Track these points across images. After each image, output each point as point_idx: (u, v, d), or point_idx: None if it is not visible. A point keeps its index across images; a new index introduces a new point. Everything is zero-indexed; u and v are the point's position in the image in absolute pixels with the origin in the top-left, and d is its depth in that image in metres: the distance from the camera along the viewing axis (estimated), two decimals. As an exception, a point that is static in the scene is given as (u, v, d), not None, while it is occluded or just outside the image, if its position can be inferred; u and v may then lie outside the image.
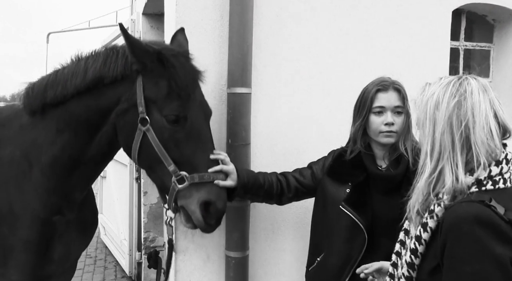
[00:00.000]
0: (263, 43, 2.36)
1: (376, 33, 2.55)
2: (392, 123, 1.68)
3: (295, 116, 2.44)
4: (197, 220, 1.65)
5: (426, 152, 1.12)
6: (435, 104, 1.12)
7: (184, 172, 1.62)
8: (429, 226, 1.10)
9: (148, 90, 1.63)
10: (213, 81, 2.29)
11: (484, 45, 3.11)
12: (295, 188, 1.92)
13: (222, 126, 2.30)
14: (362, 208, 1.70)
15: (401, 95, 1.71)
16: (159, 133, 1.62)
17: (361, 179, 1.74)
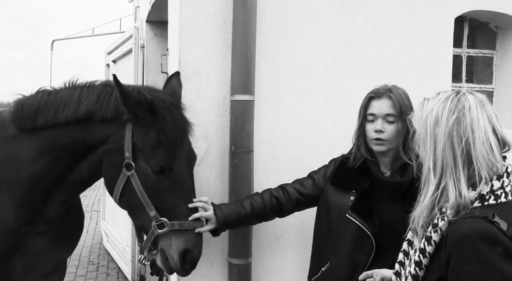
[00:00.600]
0: (266, 50, 2.37)
1: (379, 40, 2.56)
2: (381, 131, 1.67)
3: (298, 123, 2.44)
4: (174, 265, 1.72)
5: (429, 168, 1.13)
6: (434, 120, 1.14)
7: (164, 218, 1.68)
8: (433, 239, 1.12)
9: (136, 137, 1.66)
10: (216, 88, 2.30)
11: (487, 52, 3.11)
12: (296, 199, 1.91)
13: (225, 133, 2.31)
14: (368, 216, 1.69)
15: (393, 103, 1.68)
16: (143, 180, 1.66)
17: (366, 186, 1.73)
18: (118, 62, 4.83)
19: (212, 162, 2.31)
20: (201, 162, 2.29)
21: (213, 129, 2.30)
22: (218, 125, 2.31)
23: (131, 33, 4.01)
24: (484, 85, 3.10)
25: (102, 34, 9.92)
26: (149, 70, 3.84)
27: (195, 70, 2.26)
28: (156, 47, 3.85)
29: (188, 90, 2.26)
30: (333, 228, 1.80)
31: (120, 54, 4.54)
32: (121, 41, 4.49)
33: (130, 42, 4.03)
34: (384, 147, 1.68)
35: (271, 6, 2.37)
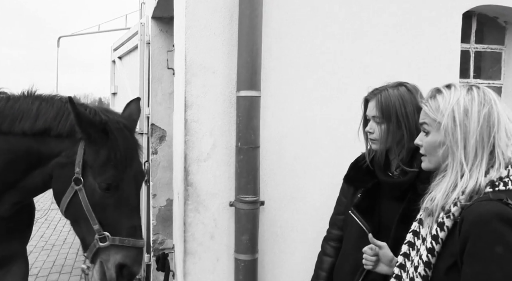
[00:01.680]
0: (273, 46, 2.36)
1: (386, 35, 2.53)
2: (370, 132, 1.71)
3: (305, 119, 2.43)
4: (110, 278, 1.80)
5: (461, 160, 1.15)
6: (463, 111, 1.16)
7: (107, 232, 1.77)
8: (446, 225, 1.14)
9: (88, 155, 1.77)
10: (222, 84, 2.29)
11: (495, 48, 3.07)
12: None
13: (231, 129, 2.31)
14: (369, 215, 1.71)
15: (377, 105, 1.68)
16: (90, 195, 1.77)
17: (369, 185, 1.74)
18: (124, 59, 4.84)
19: (218, 158, 2.31)
20: (207, 158, 2.29)
21: (219, 125, 2.30)
22: (224, 121, 2.31)
23: (136, 29, 4.01)
24: (492, 81, 3.06)
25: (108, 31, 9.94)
26: (155, 66, 3.84)
27: (201, 66, 2.26)
28: (162, 43, 3.85)
29: (194, 86, 2.26)
30: (345, 226, 1.84)
31: (126, 50, 4.55)
32: (126, 37, 4.50)
33: (136, 39, 4.03)
34: (376, 146, 1.72)
35: (277, 2, 2.36)
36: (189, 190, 2.27)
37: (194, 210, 2.29)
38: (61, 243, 5.57)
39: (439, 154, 1.22)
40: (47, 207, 6.81)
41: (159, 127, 3.95)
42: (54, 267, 4.71)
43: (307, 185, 2.45)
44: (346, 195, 1.87)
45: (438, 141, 1.22)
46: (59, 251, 5.23)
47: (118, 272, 1.79)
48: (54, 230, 6.15)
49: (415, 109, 1.62)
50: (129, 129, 1.90)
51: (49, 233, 6.03)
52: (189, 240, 2.29)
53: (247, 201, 2.23)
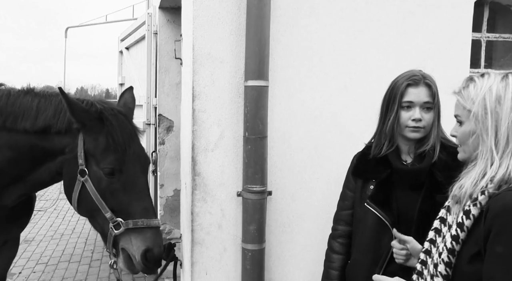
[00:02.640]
0: (281, 36, 2.35)
1: (396, 26, 2.50)
2: (420, 119, 1.65)
3: (312, 110, 2.42)
4: (137, 265, 1.82)
5: (491, 148, 1.15)
6: (496, 99, 1.15)
7: (119, 218, 1.79)
8: (472, 213, 1.14)
9: (88, 144, 1.81)
10: (230, 74, 2.29)
11: (507, 37, 3.02)
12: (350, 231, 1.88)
13: (239, 119, 2.31)
14: (387, 205, 1.68)
15: (432, 90, 1.66)
16: (97, 184, 1.80)
17: (384, 176, 1.71)
18: (131, 49, 4.85)
19: (225, 148, 2.32)
20: (215, 148, 2.30)
21: (227, 115, 2.31)
22: (232, 111, 2.32)
23: (144, 19, 4.01)
24: (504, 71, 3.02)
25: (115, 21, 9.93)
26: (162, 56, 3.85)
27: (209, 56, 2.26)
28: (169, 34, 3.85)
29: (202, 76, 2.26)
30: (356, 218, 1.81)
31: (133, 40, 4.55)
32: (134, 27, 4.50)
33: (143, 29, 4.03)
34: (420, 134, 1.68)
35: (285, -10, 2.34)
36: (197, 180, 2.29)
37: (202, 200, 2.31)
38: (70, 232, 5.65)
39: (470, 143, 1.22)
40: (56, 197, 6.90)
41: (166, 118, 3.97)
42: (63, 256, 4.78)
43: (314, 176, 2.45)
44: (352, 189, 1.84)
45: (468, 130, 1.22)
46: (68, 241, 5.30)
47: (143, 259, 1.79)
48: (63, 220, 6.23)
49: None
50: (124, 114, 1.93)
51: (58, 222, 6.11)
52: (197, 230, 2.31)
53: (255, 191, 2.24)
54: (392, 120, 1.69)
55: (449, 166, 1.63)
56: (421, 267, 1.28)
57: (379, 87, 1.81)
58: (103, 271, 4.39)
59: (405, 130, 1.68)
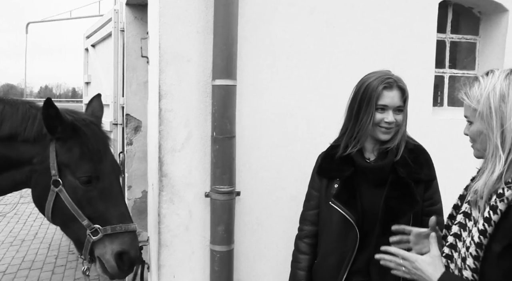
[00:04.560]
0: (249, 34, 2.36)
1: (362, 26, 2.57)
2: (392, 122, 1.70)
3: (281, 109, 2.45)
4: (111, 268, 1.86)
5: (496, 145, 1.18)
6: (500, 97, 1.18)
7: (97, 225, 1.83)
8: (499, 208, 1.17)
9: (61, 155, 1.83)
10: (198, 73, 2.29)
11: (470, 38, 3.15)
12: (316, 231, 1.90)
13: (207, 118, 2.31)
14: (351, 203, 1.72)
15: (404, 95, 1.72)
16: (72, 193, 1.83)
17: (348, 174, 1.76)
18: (98, 46, 4.75)
19: (193, 148, 2.31)
20: (182, 148, 2.29)
21: (194, 114, 2.30)
22: (200, 111, 2.31)
23: (110, 16, 3.94)
24: (467, 71, 3.15)
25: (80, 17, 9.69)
26: (130, 54, 3.79)
27: (176, 54, 2.25)
28: (136, 31, 3.79)
29: (168, 75, 2.25)
30: (322, 218, 1.84)
31: (99, 38, 4.46)
32: (100, 24, 4.42)
33: (110, 26, 3.96)
34: (391, 135, 1.74)
35: (253, -11, 2.36)
36: (164, 181, 2.28)
37: (169, 201, 2.29)
38: (32, 238, 5.47)
39: (479, 142, 1.26)
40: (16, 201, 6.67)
41: (134, 118, 3.91)
42: (23, 263, 4.63)
43: (284, 175, 2.48)
44: (317, 188, 1.87)
45: (476, 129, 1.25)
46: (29, 247, 5.14)
47: (118, 261, 1.85)
48: (24, 225, 6.03)
49: None
50: (96, 124, 1.98)
51: (19, 228, 5.91)
52: (164, 232, 2.30)
53: (223, 191, 2.25)
54: (366, 122, 1.70)
55: (410, 162, 1.73)
56: (446, 262, 1.31)
57: (349, 86, 1.84)
58: (68, 277, 4.28)
59: (376, 131, 1.72)
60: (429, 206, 1.75)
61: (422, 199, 1.73)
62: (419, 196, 1.71)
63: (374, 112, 1.69)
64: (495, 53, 3.12)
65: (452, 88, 3.11)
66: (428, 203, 1.75)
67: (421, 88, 2.70)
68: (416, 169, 1.73)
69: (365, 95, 1.70)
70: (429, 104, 2.75)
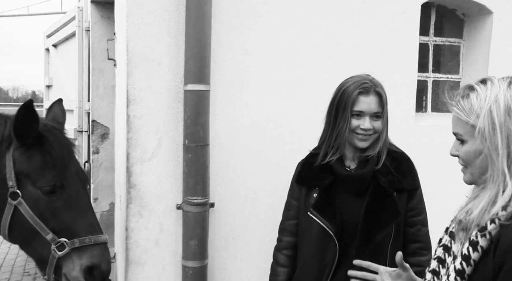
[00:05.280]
0: (223, 37, 2.43)
1: (342, 28, 2.66)
2: (368, 129, 1.75)
3: (257, 115, 2.52)
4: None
5: (502, 170, 1.06)
6: (505, 111, 1.07)
7: (63, 238, 1.79)
8: (480, 245, 1.07)
9: (19, 164, 1.80)
10: (168, 77, 2.34)
11: (454, 41, 3.29)
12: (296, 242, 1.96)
13: (179, 125, 2.36)
14: (330, 213, 1.77)
15: (382, 100, 1.76)
16: (34, 205, 1.78)
17: (327, 182, 1.81)
18: (60, 47, 4.74)
19: (163, 157, 2.35)
20: (152, 158, 2.33)
21: (165, 121, 2.35)
22: (171, 117, 2.36)
23: (74, 14, 3.95)
24: (451, 75, 3.29)
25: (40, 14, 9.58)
26: (96, 56, 3.81)
27: (145, 57, 2.29)
28: (103, 31, 3.82)
29: (137, 79, 2.29)
30: (301, 229, 1.89)
31: (62, 37, 4.46)
32: (62, 23, 4.41)
33: (73, 25, 3.97)
34: (368, 142, 1.78)
35: (227, -11, 2.42)
36: (132, 193, 2.31)
37: (138, 214, 2.32)
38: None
39: (477, 164, 1.13)
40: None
41: (100, 124, 3.92)
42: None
43: (260, 185, 2.55)
44: (297, 197, 1.92)
45: (473, 149, 1.13)
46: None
47: (87, 277, 1.79)
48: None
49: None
50: (58, 130, 1.96)
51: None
52: (132, 248, 2.32)
53: (196, 203, 2.30)
54: (342, 128, 1.76)
55: (392, 171, 1.78)
56: None
57: (329, 90, 1.90)
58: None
59: (353, 138, 1.78)
60: (413, 217, 1.81)
61: (405, 209, 1.79)
62: (402, 206, 1.77)
63: (350, 118, 1.74)
64: (479, 57, 3.25)
65: (436, 93, 3.23)
66: (411, 214, 1.81)
67: (403, 93, 2.80)
68: (398, 178, 1.78)
69: (341, 100, 1.77)
70: (411, 110, 2.86)
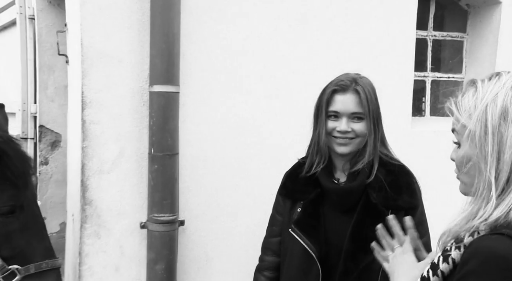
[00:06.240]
0: (194, 32, 2.46)
1: (330, 22, 2.72)
2: (346, 131, 1.77)
3: (234, 121, 2.56)
4: None
5: (489, 181, 1.05)
6: (500, 114, 1.04)
7: (15, 265, 1.76)
8: (451, 256, 1.08)
9: None
10: (131, 77, 2.36)
11: (456, 35, 3.38)
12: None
13: (143, 132, 2.38)
14: (313, 232, 1.80)
15: (361, 99, 1.76)
16: None
17: (312, 196, 1.84)
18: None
19: (126, 168, 2.37)
20: (112, 169, 2.34)
21: (127, 127, 2.37)
22: (134, 123, 2.38)
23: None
24: (452, 75, 3.38)
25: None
26: (44, 50, 3.75)
27: (103, 54, 2.30)
28: (52, 21, 3.77)
29: (94, 79, 2.30)
30: (284, 247, 1.92)
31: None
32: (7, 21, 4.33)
33: (13, 11, 3.88)
34: (349, 148, 1.79)
35: (199, -24, 2.45)
36: (88, 210, 2.31)
37: (94, 235, 2.33)
38: None
39: (466, 172, 1.13)
40: None
41: (50, 130, 3.87)
42: None
43: (239, 199, 2.59)
44: (281, 211, 1.95)
45: (462, 154, 1.13)
46: None
47: None
48: None
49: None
50: (13, 141, 1.92)
51: None
52: (86, 275, 2.32)
53: (163, 220, 2.32)
54: (321, 132, 1.81)
55: (386, 186, 1.78)
56: None
57: (313, 92, 1.92)
58: None
59: (332, 142, 1.81)
60: None
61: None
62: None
63: (326, 119, 1.79)
64: (486, 53, 3.33)
65: (436, 94, 3.32)
66: None
67: (398, 95, 2.88)
68: (392, 194, 1.78)
69: (319, 101, 1.83)
70: (407, 114, 2.94)
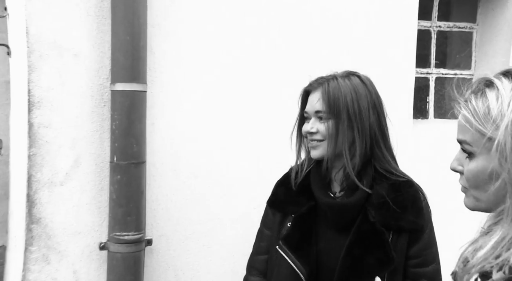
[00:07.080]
0: (162, 23, 2.43)
1: (316, 12, 2.70)
2: (310, 132, 1.79)
3: (211, 123, 2.54)
4: None
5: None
6: None
7: None
8: None
9: None
10: (90, 72, 2.32)
11: (464, 26, 3.38)
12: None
13: (104, 137, 2.35)
14: (303, 251, 1.79)
15: (324, 96, 1.76)
16: None
17: (304, 210, 1.83)
18: None
19: (83, 179, 2.34)
20: (65, 181, 2.30)
21: (84, 131, 2.33)
22: (93, 126, 2.34)
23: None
24: (460, 71, 3.38)
25: None
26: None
27: (55, 45, 2.27)
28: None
29: (44, 74, 2.26)
30: (271, 264, 1.92)
31: None
32: None
33: None
34: (319, 151, 1.79)
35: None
36: (35, 230, 2.27)
37: (42, 259, 2.29)
38: None
39: (491, 190, 1.07)
40: None
41: (-12, 135, 3.81)
42: None
43: (216, 214, 2.57)
44: (270, 225, 1.95)
45: (489, 170, 1.06)
46: None
47: None
48: None
49: (370, 106, 1.78)
50: None
51: None
52: (39, 302, 2.29)
53: (127, 240, 2.29)
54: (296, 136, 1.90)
55: (389, 203, 1.76)
56: None
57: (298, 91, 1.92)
58: None
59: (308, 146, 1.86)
60: (416, 267, 1.79)
61: (405, 255, 1.78)
62: (399, 250, 1.75)
63: (299, 121, 1.88)
64: (498, 46, 3.33)
65: (440, 93, 3.32)
66: (414, 263, 1.79)
67: (397, 94, 2.88)
68: (394, 213, 1.76)
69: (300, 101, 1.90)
70: (408, 116, 2.94)
